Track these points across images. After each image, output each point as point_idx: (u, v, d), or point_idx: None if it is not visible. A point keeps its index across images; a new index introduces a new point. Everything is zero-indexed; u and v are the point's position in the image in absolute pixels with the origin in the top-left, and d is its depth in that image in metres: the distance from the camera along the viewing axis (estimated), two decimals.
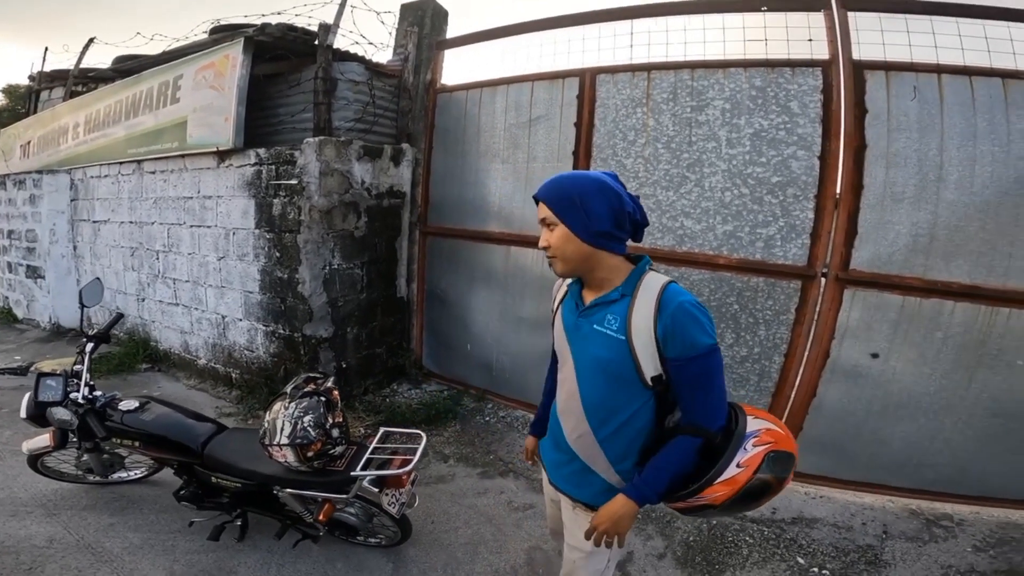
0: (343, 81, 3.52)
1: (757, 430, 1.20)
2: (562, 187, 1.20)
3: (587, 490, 1.34)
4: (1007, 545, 2.52)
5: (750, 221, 2.87)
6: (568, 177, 1.21)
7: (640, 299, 1.18)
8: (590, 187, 1.17)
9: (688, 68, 2.93)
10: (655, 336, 1.14)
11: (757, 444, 1.18)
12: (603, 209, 1.16)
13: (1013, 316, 2.54)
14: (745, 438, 1.19)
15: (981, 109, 2.47)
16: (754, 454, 1.17)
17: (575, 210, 1.17)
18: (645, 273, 1.23)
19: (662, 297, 1.15)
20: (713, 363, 1.15)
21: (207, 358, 4.22)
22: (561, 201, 1.18)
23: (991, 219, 2.51)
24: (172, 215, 4.15)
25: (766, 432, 1.20)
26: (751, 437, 1.19)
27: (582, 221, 1.17)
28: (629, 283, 1.22)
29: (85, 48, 5.01)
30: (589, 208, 1.16)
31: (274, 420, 1.81)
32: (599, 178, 1.19)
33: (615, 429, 1.26)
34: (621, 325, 1.19)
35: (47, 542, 2.26)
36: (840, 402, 2.83)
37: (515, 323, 3.73)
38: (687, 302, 1.13)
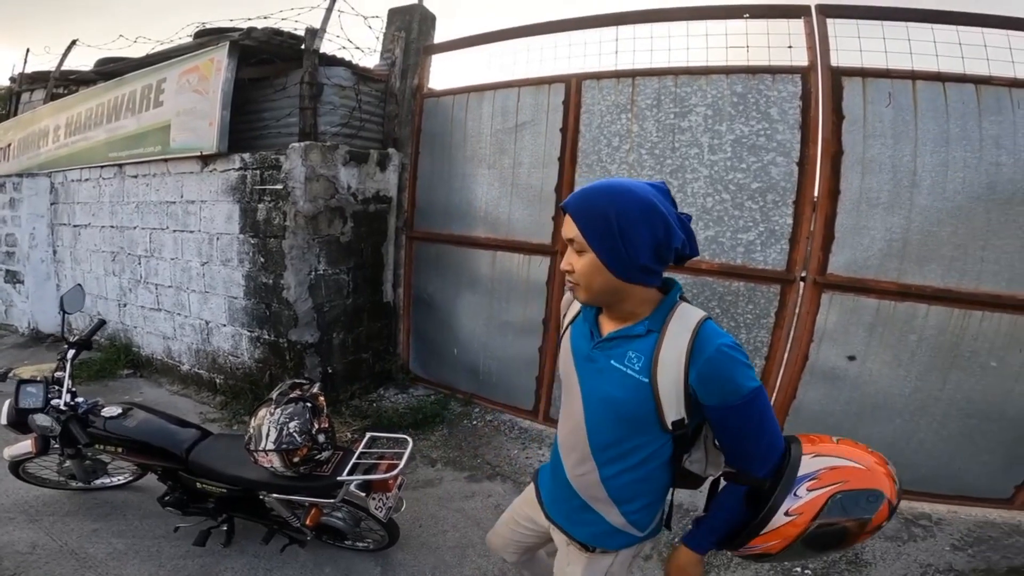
0: (329, 86, 3.57)
1: (815, 471, 1.05)
2: (598, 204, 0.99)
3: (585, 529, 1.24)
4: (984, 544, 2.60)
5: (731, 226, 2.96)
6: (608, 190, 0.99)
7: (670, 337, 1.03)
8: (634, 210, 0.96)
9: (672, 75, 3.02)
10: (684, 380, 1.01)
11: (814, 488, 1.04)
12: (646, 240, 0.97)
13: (986, 319, 2.64)
14: (796, 483, 1.05)
15: (954, 115, 2.58)
16: (809, 500, 1.03)
17: (611, 238, 0.98)
18: (676, 305, 1.08)
19: (696, 338, 1.00)
20: (758, 407, 1.01)
21: (190, 364, 4.23)
22: (594, 223, 0.99)
23: (963, 224, 2.61)
24: (154, 220, 4.17)
25: (829, 471, 1.05)
26: (805, 480, 1.05)
27: (618, 253, 0.98)
28: (657, 317, 1.07)
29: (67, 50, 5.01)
30: (629, 237, 0.97)
31: (259, 426, 1.86)
32: (646, 198, 0.97)
33: (623, 470, 1.14)
34: (645, 365, 1.05)
35: (30, 548, 2.28)
36: (819, 404, 2.92)
37: (501, 328, 3.80)
38: (725, 345, 0.99)
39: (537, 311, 3.57)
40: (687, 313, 1.05)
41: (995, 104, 2.51)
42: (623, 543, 1.23)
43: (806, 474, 1.05)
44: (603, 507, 1.19)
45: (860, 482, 1.04)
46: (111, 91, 4.27)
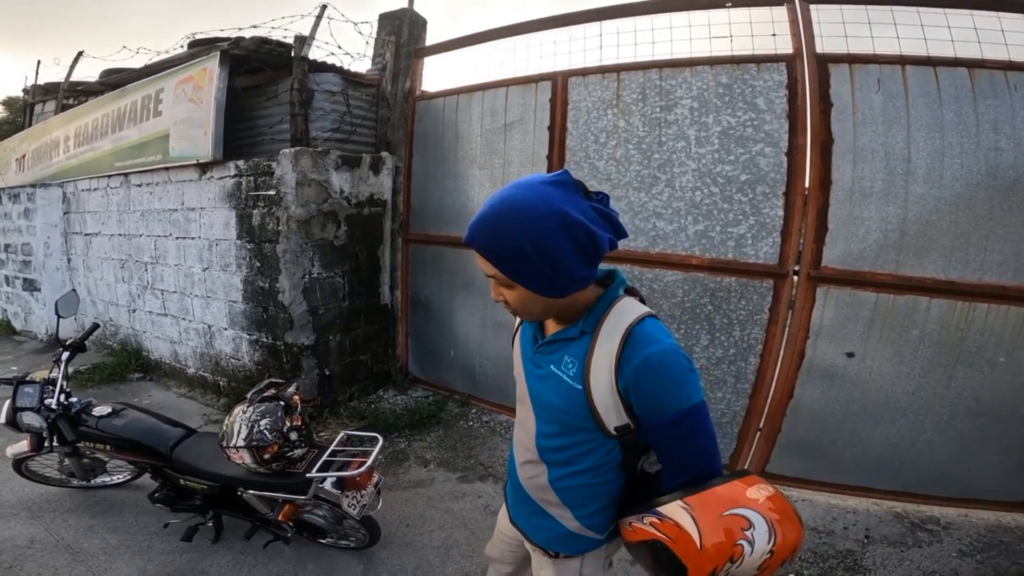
0: (319, 92, 3.71)
1: (667, 516, 0.97)
2: (506, 236, 0.89)
3: (543, 534, 1.23)
4: (994, 549, 2.55)
5: (721, 220, 2.97)
6: (510, 215, 0.88)
7: (601, 341, 0.98)
8: (547, 229, 0.87)
9: (656, 68, 3.06)
10: (616, 389, 0.97)
11: (654, 525, 0.98)
12: (571, 254, 0.89)
13: (991, 312, 2.59)
14: (650, 510, 1.00)
15: (947, 100, 2.54)
16: (639, 529, 1.02)
17: (534, 269, 0.90)
18: (614, 302, 1.02)
19: (626, 344, 0.95)
20: (686, 428, 0.95)
21: (196, 367, 4.44)
22: (511, 258, 0.90)
23: (963, 212, 2.57)
24: (158, 227, 4.39)
25: (674, 526, 0.95)
26: (653, 514, 0.99)
27: (547, 279, 0.91)
28: (592, 317, 1.02)
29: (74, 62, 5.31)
30: (554, 261, 0.89)
31: (232, 423, 1.98)
32: (554, 210, 0.87)
33: (572, 474, 1.12)
34: (579, 371, 1.01)
35: (28, 542, 2.46)
36: (818, 402, 2.90)
37: (495, 328, 3.87)
38: (656, 355, 0.92)
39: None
40: (624, 311, 1.00)
41: (990, 88, 2.47)
42: (585, 547, 1.20)
43: (662, 513, 0.98)
44: (556, 511, 1.18)
45: (684, 553, 0.93)
46: (115, 102, 4.52)
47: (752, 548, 0.89)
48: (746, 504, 0.92)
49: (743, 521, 0.90)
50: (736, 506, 0.92)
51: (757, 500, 0.93)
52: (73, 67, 5.38)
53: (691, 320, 3.08)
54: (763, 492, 0.95)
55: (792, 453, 2.99)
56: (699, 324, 3.07)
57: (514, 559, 1.52)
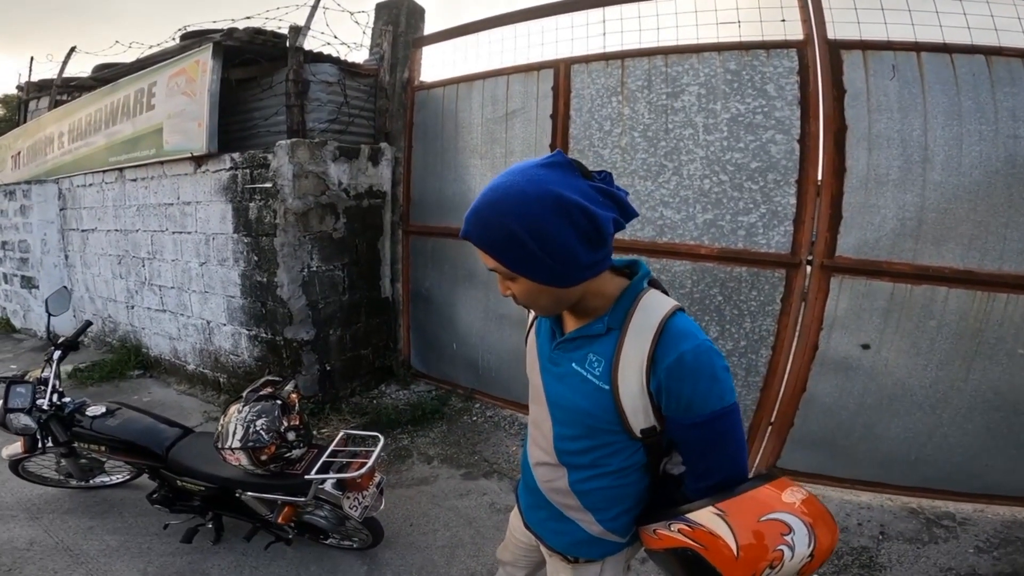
0: (316, 83, 3.64)
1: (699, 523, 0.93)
2: (499, 226, 0.84)
3: (563, 538, 1.18)
4: (1011, 545, 2.50)
5: (731, 209, 2.90)
6: (501, 204, 0.84)
7: (631, 337, 0.93)
8: (541, 214, 0.81)
9: (661, 54, 2.98)
10: (647, 389, 0.92)
11: (684, 532, 0.94)
12: (569, 238, 0.83)
13: (1011, 302, 2.52)
14: (679, 517, 0.96)
15: (965, 87, 2.47)
16: (667, 536, 0.97)
17: (532, 258, 0.85)
18: (641, 295, 0.97)
19: (660, 340, 0.90)
20: (718, 430, 0.91)
21: (195, 363, 4.40)
22: (507, 249, 0.85)
23: (982, 200, 2.50)
24: (155, 222, 4.34)
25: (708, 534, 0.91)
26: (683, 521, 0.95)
27: (549, 268, 0.86)
28: (618, 311, 0.96)
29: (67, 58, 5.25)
30: (552, 247, 0.83)
31: (227, 424, 1.92)
32: (546, 192, 0.82)
33: (594, 477, 1.07)
34: (606, 370, 0.96)
35: (28, 544, 2.43)
36: (831, 396, 2.84)
37: (498, 321, 3.82)
38: (691, 352, 0.88)
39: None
40: (652, 305, 0.94)
41: (1008, 75, 2.40)
42: (606, 551, 1.16)
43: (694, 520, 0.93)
44: (578, 515, 1.13)
45: (719, 561, 0.90)
46: (107, 96, 4.46)
47: (793, 553, 0.86)
48: (783, 508, 0.89)
49: (782, 526, 0.87)
50: (773, 511, 0.88)
51: (793, 504, 0.89)
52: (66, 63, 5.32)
53: (700, 311, 3.02)
54: (797, 495, 0.91)
55: (804, 448, 2.93)
56: (708, 315, 3.01)
57: (527, 563, 1.47)
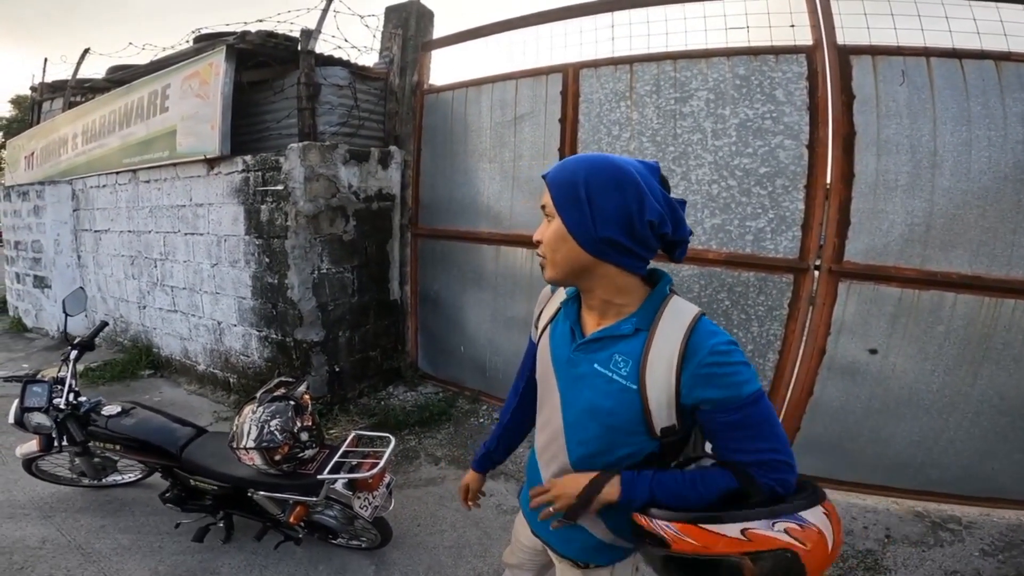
0: (327, 86, 3.65)
1: (809, 522, 0.90)
2: (572, 170, 0.94)
3: (573, 545, 1.16)
4: (1017, 549, 2.49)
5: (739, 214, 2.89)
6: (585, 158, 0.95)
7: (660, 337, 0.95)
8: (605, 176, 0.92)
9: (670, 59, 2.97)
10: (676, 386, 0.93)
11: (791, 532, 0.89)
12: (612, 209, 0.91)
13: (1019, 308, 2.52)
14: (786, 516, 0.90)
15: (974, 93, 2.46)
16: (771, 536, 0.89)
17: (577, 203, 0.93)
18: (667, 300, 0.99)
19: (691, 338, 0.92)
20: (760, 411, 0.91)
21: (206, 363, 4.41)
22: (564, 188, 0.94)
23: (991, 206, 2.49)
24: (167, 223, 4.36)
25: (814, 533, 0.89)
26: (792, 521, 0.89)
27: (582, 219, 0.93)
28: (645, 313, 0.98)
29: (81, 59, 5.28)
30: (597, 204, 0.92)
31: (242, 424, 1.93)
32: (623, 167, 0.92)
33: None
34: (633, 370, 0.96)
35: (40, 543, 2.43)
36: (839, 400, 2.83)
37: (506, 324, 3.82)
38: (721, 343, 0.91)
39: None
40: (680, 309, 0.97)
41: (1017, 81, 2.40)
42: (616, 557, 1.15)
43: (802, 519, 0.90)
44: (587, 521, 1.10)
45: (812, 561, 0.90)
46: (121, 98, 4.49)
47: None
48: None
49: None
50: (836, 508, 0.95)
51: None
52: (80, 64, 5.35)
53: (708, 315, 3.00)
54: None
55: (810, 451, 2.92)
56: (716, 320, 2.96)
57: (534, 566, 1.46)
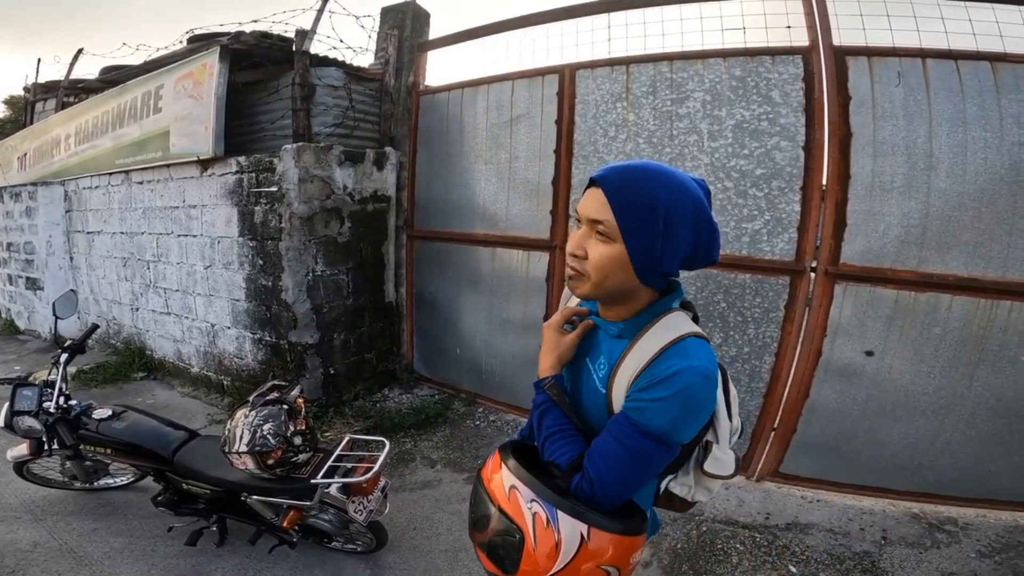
0: (322, 86, 3.65)
1: (555, 522, 0.87)
2: (647, 191, 0.84)
3: None
4: (1013, 550, 2.50)
5: (735, 215, 2.90)
6: (659, 176, 0.85)
7: (636, 350, 0.91)
8: (687, 207, 0.84)
9: (667, 60, 2.98)
10: (627, 395, 0.90)
11: (537, 518, 0.88)
12: (685, 244, 0.86)
13: (1015, 309, 2.52)
14: (548, 503, 0.88)
15: (970, 94, 2.47)
16: (520, 509, 0.89)
17: (653, 234, 0.84)
18: (665, 313, 0.94)
19: (663, 354, 0.87)
20: (640, 443, 0.86)
21: (199, 366, 4.40)
22: (638, 212, 0.84)
23: (987, 208, 2.50)
24: (160, 225, 4.34)
25: (549, 531, 0.87)
26: (546, 509, 0.87)
27: (653, 253, 0.85)
28: (638, 320, 0.95)
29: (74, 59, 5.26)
30: (671, 238, 0.84)
31: (234, 428, 1.92)
32: (697, 196, 0.86)
33: None
34: (606, 375, 0.95)
35: (31, 546, 2.42)
36: (835, 402, 2.84)
37: (502, 326, 3.82)
38: (682, 368, 0.84)
39: (538, 308, 3.57)
40: (670, 326, 0.92)
41: (1013, 82, 2.40)
42: None
43: (553, 512, 0.87)
44: None
45: (530, 557, 0.88)
46: (115, 99, 4.47)
47: None
48: (612, 562, 0.88)
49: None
50: (605, 562, 0.88)
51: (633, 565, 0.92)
52: (73, 65, 5.33)
53: (704, 318, 3.01)
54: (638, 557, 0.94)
55: (807, 453, 2.93)
56: (712, 322, 3.01)
57: None
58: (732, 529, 2.68)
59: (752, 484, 3.02)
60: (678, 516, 2.70)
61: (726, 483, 2.89)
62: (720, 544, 2.57)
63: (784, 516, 2.77)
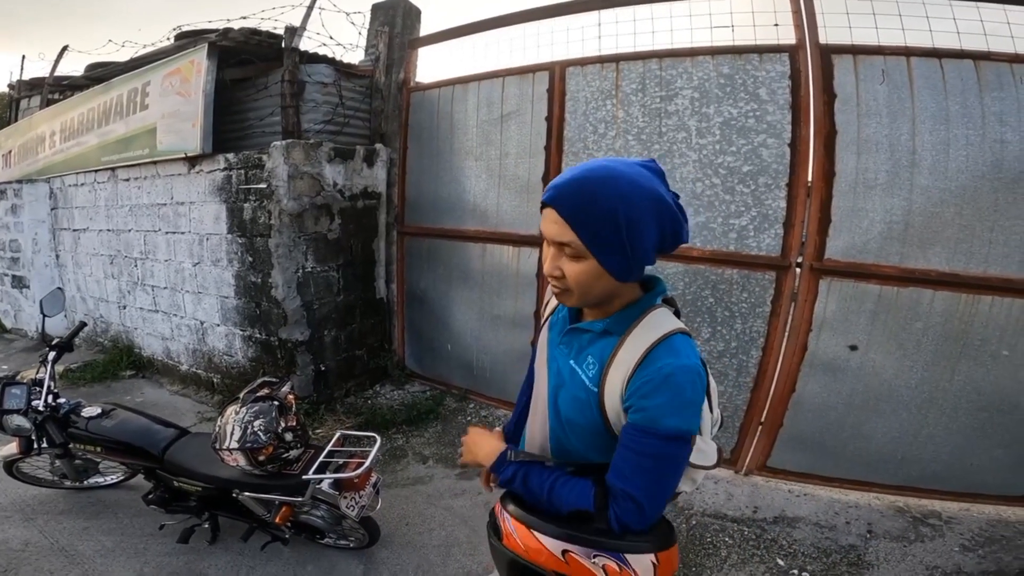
0: (311, 83, 3.64)
1: (628, 567, 0.90)
2: (601, 202, 0.83)
3: None
4: (996, 544, 2.55)
5: (722, 212, 2.94)
6: (608, 182, 0.83)
7: (628, 345, 0.93)
8: (644, 206, 0.83)
9: (656, 58, 3.01)
10: (623, 394, 0.92)
11: (607, 570, 0.90)
12: (654, 238, 0.86)
13: (995, 304, 2.57)
14: (611, 553, 0.90)
15: (953, 92, 2.51)
16: (586, 567, 0.91)
17: (618, 243, 0.85)
18: (649, 309, 0.96)
19: (652, 350, 0.90)
20: (664, 449, 0.88)
21: (188, 364, 4.39)
22: (599, 226, 0.84)
23: (968, 204, 2.55)
24: (147, 222, 4.32)
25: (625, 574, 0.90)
26: (614, 558, 0.90)
27: (624, 257, 0.87)
28: (623, 318, 0.97)
29: (59, 56, 5.19)
30: (637, 238, 0.85)
31: (224, 425, 1.94)
32: (652, 188, 0.84)
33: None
34: (597, 373, 0.96)
35: (23, 545, 2.42)
36: (820, 396, 2.89)
37: (493, 321, 3.84)
38: (674, 367, 0.87)
39: (528, 304, 3.60)
40: (656, 323, 0.94)
41: (996, 80, 2.45)
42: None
43: (622, 559, 0.90)
44: None
45: None
46: (100, 96, 4.43)
47: None
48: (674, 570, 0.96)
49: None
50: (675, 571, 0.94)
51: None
52: (58, 62, 5.26)
53: (692, 313, 3.06)
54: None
55: (793, 447, 2.98)
56: (700, 317, 3.05)
57: None
58: (720, 523, 2.72)
59: (740, 478, 3.07)
60: (667, 510, 2.74)
61: (714, 477, 2.98)
62: (709, 538, 2.61)
63: (772, 510, 2.81)
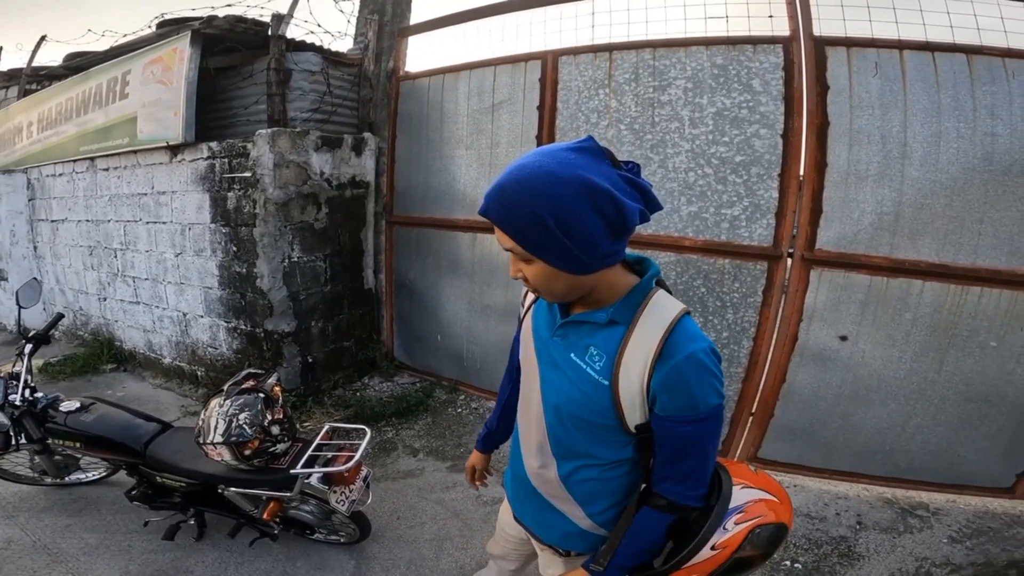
0: (298, 71, 3.56)
1: (743, 504, 1.02)
2: (523, 206, 0.81)
3: (552, 532, 1.18)
4: (983, 535, 2.57)
5: (715, 202, 2.93)
6: (527, 184, 0.81)
7: (639, 334, 0.92)
8: (569, 199, 0.79)
9: (649, 47, 2.98)
10: (647, 385, 0.91)
11: (741, 521, 1.01)
12: (598, 227, 0.82)
13: (984, 295, 2.59)
14: (727, 515, 1.01)
15: (945, 85, 2.52)
16: (735, 533, 1.00)
17: (555, 242, 0.83)
18: (650, 293, 0.96)
19: (669, 338, 0.90)
20: (712, 427, 0.94)
21: (171, 356, 4.31)
22: (528, 231, 0.83)
23: (958, 196, 2.56)
24: (128, 212, 4.22)
25: (755, 504, 1.03)
26: (734, 513, 1.01)
27: (570, 254, 0.84)
28: (627, 306, 0.95)
29: (37, 46, 5.03)
30: (576, 234, 0.82)
31: (208, 418, 1.88)
32: (577, 178, 0.80)
33: (584, 468, 1.07)
34: (607, 366, 0.95)
35: (4, 544, 2.37)
36: (810, 386, 2.90)
37: (483, 312, 3.82)
38: (701, 351, 0.89)
39: (517, 294, 3.57)
40: (662, 305, 0.94)
41: (988, 74, 2.45)
42: (597, 545, 1.14)
43: (735, 507, 1.02)
44: (567, 507, 1.13)
45: (776, 516, 1.03)
46: (79, 85, 4.31)
47: None
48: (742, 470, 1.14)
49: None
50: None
51: None
52: (36, 52, 5.09)
53: (684, 302, 3.03)
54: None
55: (784, 438, 2.99)
56: (692, 307, 3.03)
57: (518, 556, 1.48)
58: None
59: None
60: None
61: None
62: None
63: None
